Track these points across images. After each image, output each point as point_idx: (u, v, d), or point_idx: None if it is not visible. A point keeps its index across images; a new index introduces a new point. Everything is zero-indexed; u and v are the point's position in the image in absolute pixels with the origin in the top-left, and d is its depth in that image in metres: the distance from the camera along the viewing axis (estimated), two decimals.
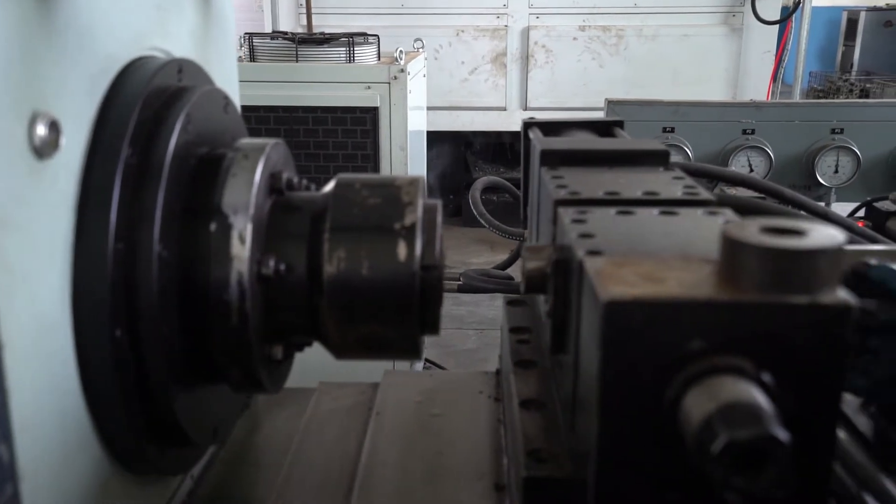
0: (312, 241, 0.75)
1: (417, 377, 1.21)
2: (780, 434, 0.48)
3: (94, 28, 0.69)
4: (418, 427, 1.04)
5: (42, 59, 0.60)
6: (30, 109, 0.58)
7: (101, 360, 0.66)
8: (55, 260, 0.62)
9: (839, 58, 10.82)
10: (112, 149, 0.67)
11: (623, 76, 4.59)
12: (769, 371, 0.55)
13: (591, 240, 0.70)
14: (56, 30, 0.62)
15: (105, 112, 0.68)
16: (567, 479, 0.69)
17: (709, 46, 4.57)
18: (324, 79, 2.93)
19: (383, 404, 1.10)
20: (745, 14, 4.48)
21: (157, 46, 0.82)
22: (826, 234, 0.56)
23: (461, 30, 4.66)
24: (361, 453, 0.98)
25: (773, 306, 0.54)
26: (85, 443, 0.67)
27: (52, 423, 0.62)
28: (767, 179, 2.04)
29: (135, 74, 0.73)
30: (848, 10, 10.92)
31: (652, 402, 0.56)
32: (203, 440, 0.81)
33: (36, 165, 0.59)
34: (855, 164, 2.09)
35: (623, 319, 0.55)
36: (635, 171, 0.99)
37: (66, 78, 0.64)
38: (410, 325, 0.75)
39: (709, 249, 0.69)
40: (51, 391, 0.62)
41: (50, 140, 0.59)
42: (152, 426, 0.72)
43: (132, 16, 0.77)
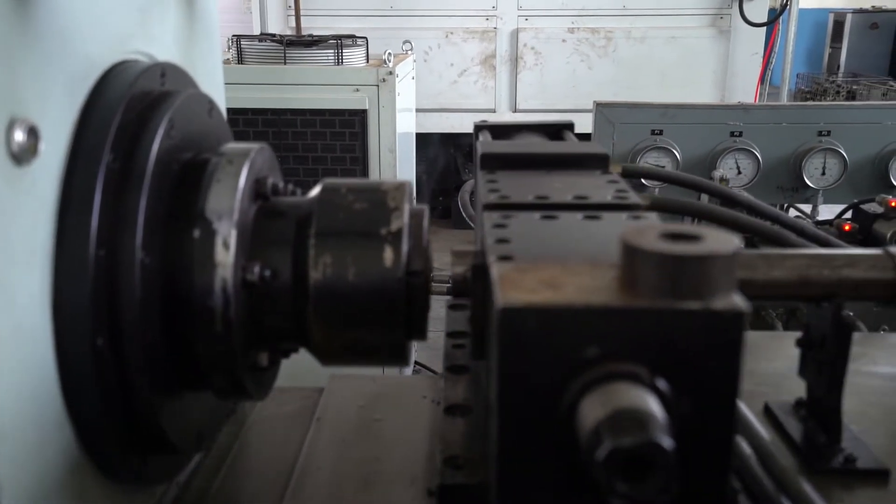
0: (298, 247, 0.74)
1: (363, 382, 1.20)
2: (665, 442, 0.48)
3: (74, 31, 0.67)
4: (358, 432, 1.03)
5: (19, 62, 0.59)
6: (7, 115, 0.57)
7: (82, 369, 0.65)
8: (34, 267, 0.61)
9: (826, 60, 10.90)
10: (93, 154, 0.66)
11: (612, 78, 4.61)
12: (665, 377, 0.55)
13: (507, 245, 0.70)
14: (34, 32, 0.61)
15: (86, 117, 0.67)
16: (480, 485, 0.68)
17: (697, 48, 4.59)
18: (312, 81, 2.92)
19: (325, 409, 1.09)
20: (732, 16, 4.50)
21: (139, 50, 0.81)
22: (721, 240, 0.56)
23: (450, 32, 4.66)
24: (298, 459, 0.98)
25: (668, 312, 0.54)
26: (66, 452, 0.66)
27: (32, 433, 0.61)
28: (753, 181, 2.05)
29: (117, 79, 0.72)
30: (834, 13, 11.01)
31: (549, 407, 0.56)
32: (187, 448, 0.80)
33: (14, 172, 0.58)
34: (842, 167, 2.10)
35: (518, 326, 0.55)
36: (573, 174, 0.99)
37: (45, 82, 0.62)
38: (397, 330, 0.74)
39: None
40: (30, 400, 0.61)
41: (28, 146, 0.58)
42: (135, 434, 0.71)
43: (114, 18, 0.76)
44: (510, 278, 0.59)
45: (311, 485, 0.93)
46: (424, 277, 0.74)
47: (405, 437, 1.02)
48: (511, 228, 0.75)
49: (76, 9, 0.68)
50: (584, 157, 1.04)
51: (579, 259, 0.67)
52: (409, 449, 1.00)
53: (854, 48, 10.68)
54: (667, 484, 0.48)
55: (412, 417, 1.07)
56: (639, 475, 0.49)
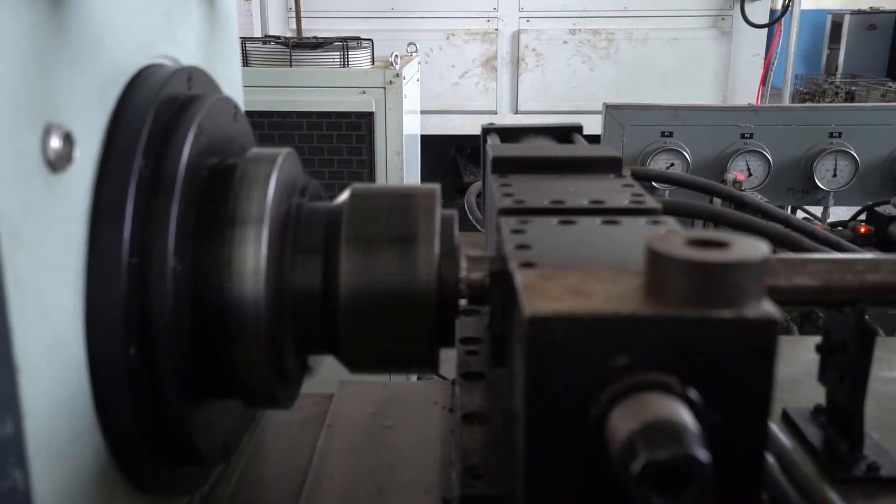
0: (328, 253, 0.73)
1: (373, 388, 1.19)
2: (701, 454, 0.47)
3: (105, 36, 0.66)
4: (369, 439, 1.02)
5: (55, 68, 0.58)
6: (43, 121, 0.56)
7: (114, 378, 0.63)
8: (67, 276, 0.60)
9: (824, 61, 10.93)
10: (125, 161, 0.64)
11: (613, 79, 4.60)
12: (695, 386, 0.54)
13: (527, 251, 0.69)
14: (68, 38, 0.60)
15: (116, 123, 0.66)
16: (502, 496, 0.67)
17: (698, 50, 4.58)
18: (318, 83, 2.90)
19: (335, 416, 1.08)
20: (734, 17, 4.50)
21: (164, 54, 0.80)
22: (750, 247, 0.55)
23: (451, 33, 4.64)
24: (310, 467, 0.96)
25: (699, 321, 0.53)
26: (97, 464, 0.65)
27: (66, 445, 0.60)
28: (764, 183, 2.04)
29: (145, 83, 0.71)
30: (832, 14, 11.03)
31: (577, 418, 0.55)
32: (214, 458, 0.78)
33: (49, 179, 0.57)
34: (853, 168, 2.09)
35: (546, 334, 0.54)
36: (586, 178, 0.98)
37: (77, 88, 0.61)
38: (427, 338, 0.73)
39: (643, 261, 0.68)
40: (65, 411, 0.59)
41: (64, 153, 0.57)
42: (164, 444, 0.70)
43: (141, 23, 0.75)
44: (535, 286, 0.58)
45: (325, 493, 0.92)
46: (455, 284, 0.73)
47: (417, 445, 1.01)
48: (530, 234, 0.74)
49: (106, 14, 0.67)
50: (596, 160, 1.03)
51: (602, 265, 0.66)
52: (422, 456, 0.98)
53: (852, 49, 10.71)
54: (702, 497, 0.47)
55: (423, 424, 1.06)
56: (673, 488, 0.48)
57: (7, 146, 0.50)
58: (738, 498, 0.55)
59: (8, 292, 0.50)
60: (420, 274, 0.70)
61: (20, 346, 0.51)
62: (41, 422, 0.54)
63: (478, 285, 0.77)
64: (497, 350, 0.73)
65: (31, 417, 0.52)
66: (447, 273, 0.72)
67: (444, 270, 0.72)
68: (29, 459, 0.52)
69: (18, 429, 0.51)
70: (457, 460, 0.73)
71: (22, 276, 0.52)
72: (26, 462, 0.52)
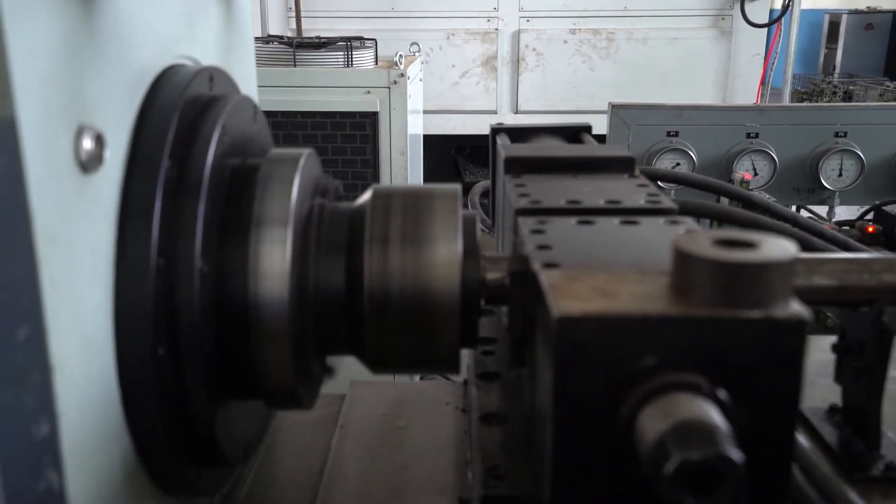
0: (351, 254, 0.73)
1: (384, 388, 1.19)
2: (734, 454, 0.47)
3: (131, 36, 0.66)
4: (383, 440, 1.02)
5: (86, 69, 0.58)
6: (76, 122, 0.56)
7: (142, 379, 0.63)
8: (97, 276, 0.60)
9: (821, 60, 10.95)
10: (152, 162, 0.64)
11: (613, 79, 4.60)
12: (723, 386, 0.54)
13: (549, 251, 0.69)
14: (99, 38, 0.60)
15: (142, 123, 0.66)
16: (525, 496, 0.67)
17: (698, 49, 4.58)
18: (322, 83, 2.89)
19: (348, 417, 1.08)
20: (734, 17, 4.50)
21: (185, 54, 0.79)
22: (778, 247, 0.55)
23: (451, 33, 4.64)
24: (325, 468, 0.96)
25: (728, 321, 0.53)
26: (125, 466, 0.64)
27: (97, 448, 0.60)
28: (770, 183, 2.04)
29: (169, 84, 0.70)
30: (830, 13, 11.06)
31: (606, 418, 0.55)
32: (237, 459, 0.78)
33: (81, 180, 0.57)
34: (859, 168, 2.09)
35: (575, 335, 0.54)
36: (600, 178, 0.98)
37: (107, 89, 0.61)
38: (451, 339, 0.73)
39: (666, 261, 0.68)
40: (96, 414, 0.59)
41: (95, 154, 0.57)
42: (190, 446, 0.70)
43: (164, 23, 0.74)
44: (561, 286, 0.58)
45: (340, 494, 0.91)
46: (477, 284, 0.73)
47: (431, 445, 1.01)
48: (550, 234, 0.74)
49: (132, 14, 0.67)
50: (609, 160, 1.03)
51: (625, 266, 0.66)
52: (437, 457, 0.98)
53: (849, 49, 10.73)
54: (735, 498, 0.47)
55: (436, 424, 1.06)
56: (705, 489, 0.48)
57: (42, 147, 0.50)
58: (766, 499, 0.55)
59: (43, 292, 0.50)
60: (444, 275, 0.70)
61: (55, 346, 0.51)
62: (74, 423, 0.54)
63: (496, 286, 0.77)
64: (517, 350, 0.73)
65: (65, 418, 0.52)
66: (470, 273, 0.72)
67: (467, 271, 0.72)
68: (64, 461, 0.52)
69: (54, 430, 0.50)
70: (477, 461, 0.73)
71: (56, 276, 0.52)
72: (61, 463, 0.51)
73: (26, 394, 0.48)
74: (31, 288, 0.49)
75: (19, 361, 0.47)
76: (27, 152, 0.48)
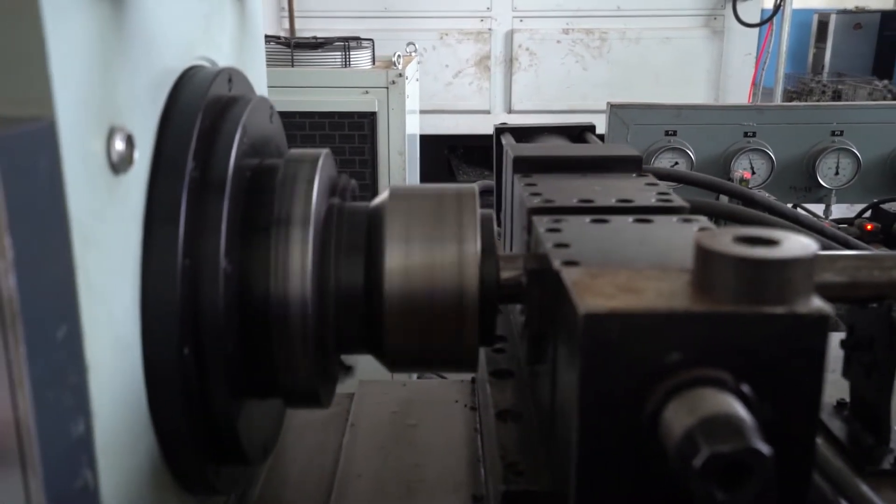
0: (371, 253, 0.73)
1: (394, 387, 1.19)
2: (763, 447, 0.48)
3: (156, 37, 0.67)
4: (394, 438, 1.03)
5: (116, 69, 0.58)
6: (108, 123, 0.56)
7: (168, 378, 0.64)
8: (127, 277, 0.60)
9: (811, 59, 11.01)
10: (177, 163, 0.65)
11: (607, 79, 4.61)
12: (746, 381, 0.55)
13: (567, 249, 0.70)
14: (127, 39, 0.60)
15: (166, 124, 0.66)
16: (545, 492, 0.68)
17: (691, 49, 4.59)
18: (320, 83, 2.87)
19: (358, 415, 1.09)
20: (726, 17, 4.52)
21: (203, 56, 0.80)
22: (800, 243, 0.56)
23: (445, 33, 4.64)
24: (337, 467, 0.97)
25: (752, 317, 0.54)
26: (152, 464, 0.65)
27: (126, 446, 0.60)
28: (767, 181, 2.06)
29: (190, 85, 0.71)
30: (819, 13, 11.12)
31: (631, 414, 0.56)
32: (256, 458, 0.79)
33: (112, 181, 0.57)
34: (855, 166, 2.11)
35: (601, 332, 0.54)
36: (608, 177, 0.99)
37: (135, 90, 0.62)
38: (471, 337, 0.73)
39: (684, 258, 0.68)
40: (125, 413, 0.60)
41: (126, 155, 0.58)
42: (212, 444, 0.71)
43: (185, 24, 0.75)
44: (585, 284, 0.59)
45: (354, 492, 0.92)
46: (495, 282, 0.74)
47: (443, 443, 1.02)
48: (566, 233, 0.75)
49: (157, 15, 0.67)
50: (617, 159, 1.04)
51: (644, 263, 0.67)
52: (449, 455, 0.99)
53: (838, 48, 10.79)
54: (765, 491, 0.48)
55: (447, 423, 1.07)
56: (733, 483, 0.49)
57: (78, 149, 0.51)
58: (788, 493, 0.56)
59: (80, 293, 0.50)
60: (464, 273, 0.71)
61: (90, 346, 0.52)
62: (106, 422, 0.55)
63: (512, 284, 0.78)
64: (535, 347, 0.74)
65: (98, 418, 0.53)
66: (488, 272, 0.73)
67: (485, 270, 0.73)
68: (97, 459, 0.52)
69: (88, 429, 0.51)
70: (496, 457, 0.73)
71: (91, 278, 0.52)
72: (95, 462, 0.52)
73: (66, 393, 0.48)
74: (68, 289, 0.49)
75: (59, 361, 0.47)
76: (66, 155, 0.48)
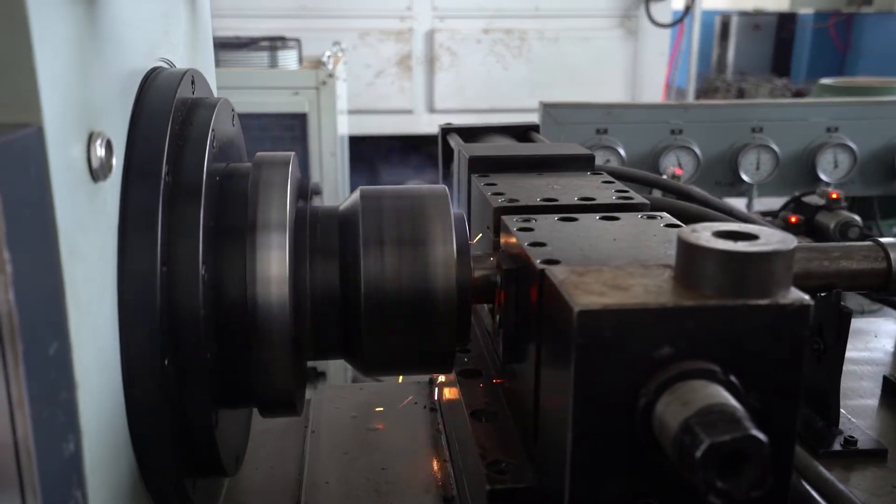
0: (346, 256, 0.72)
1: (351, 391, 1.18)
2: (760, 435, 0.49)
3: (124, 38, 0.64)
4: (358, 443, 1.02)
5: (91, 72, 0.55)
6: (88, 128, 0.53)
7: (149, 391, 0.61)
8: (107, 288, 0.57)
9: (714, 59, 11.42)
10: (152, 168, 0.62)
11: (527, 78, 4.68)
12: (733, 372, 0.57)
13: (544, 248, 0.70)
14: (100, 40, 0.57)
15: (136, 128, 0.64)
16: (531, 489, 0.68)
17: (607, 49, 4.71)
18: (247, 85, 2.81)
19: (318, 422, 1.07)
20: (640, 17, 4.65)
21: (163, 57, 0.77)
22: (779, 237, 0.58)
23: (366, 33, 4.62)
24: (302, 475, 0.95)
25: (738, 309, 0.56)
26: (133, 483, 0.62)
27: (110, 464, 0.57)
28: (694, 177, 2.12)
29: (157, 87, 0.68)
30: (721, 14, 11.54)
31: (624, 408, 0.57)
32: (231, 468, 0.76)
33: (92, 188, 0.54)
34: (774, 161, 2.21)
35: (595, 328, 0.55)
36: (564, 176, 1.00)
37: (108, 93, 0.59)
38: (447, 338, 0.73)
39: (660, 253, 0.70)
40: (108, 429, 0.57)
41: (106, 161, 0.55)
42: (190, 457, 0.68)
43: (148, 24, 0.72)
44: (573, 282, 0.59)
45: (323, 499, 0.91)
46: (469, 283, 0.74)
47: (407, 445, 1.01)
48: (539, 232, 0.75)
49: (125, 15, 0.64)
50: (570, 158, 1.06)
51: (622, 260, 0.68)
52: (414, 456, 0.99)
53: (740, 48, 11.24)
54: (762, 477, 0.50)
55: (409, 424, 1.06)
56: (728, 471, 0.50)
57: (62, 156, 0.48)
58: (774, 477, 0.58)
59: (68, 307, 0.48)
60: (440, 274, 0.71)
61: (78, 362, 0.49)
62: (93, 440, 0.52)
63: (483, 283, 0.78)
64: (512, 347, 0.75)
65: (86, 436, 0.50)
66: (463, 272, 0.73)
67: (460, 270, 0.73)
68: (86, 479, 0.50)
69: (78, 447, 0.49)
70: (476, 457, 0.73)
71: (78, 290, 0.50)
72: (84, 482, 0.50)
73: (58, 411, 0.46)
74: (58, 303, 0.47)
75: (51, 378, 0.45)
76: (52, 163, 0.46)
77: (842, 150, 2.19)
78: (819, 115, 2.19)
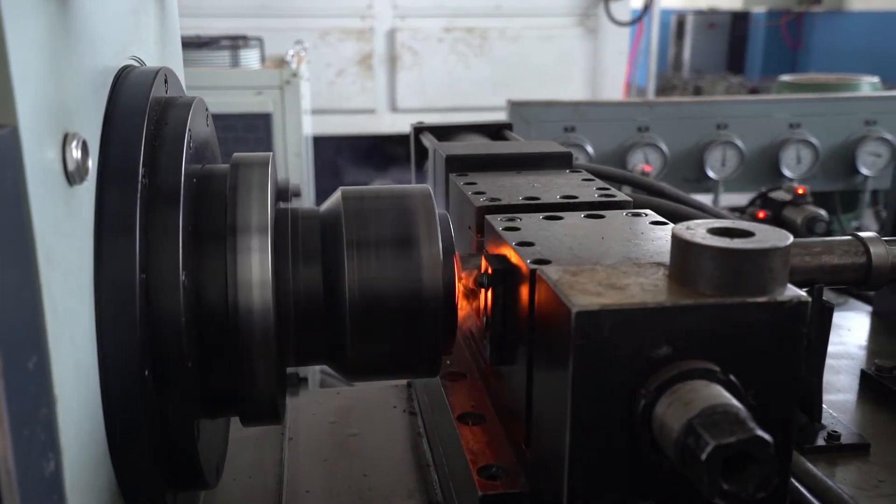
0: (330, 259, 0.70)
1: (327, 396, 1.16)
2: (765, 435, 0.49)
3: (97, 37, 0.61)
4: (337, 449, 0.99)
5: (65, 71, 0.52)
6: (62, 129, 0.51)
7: (128, 403, 0.58)
8: (85, 296, 0.55)
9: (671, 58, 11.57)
10: (128, 170, 0.59)
11: (489, 77, 4.67)
12: (731, 371, 0.56)
13: (533, 248, 0.69)
14: (72, 39, 0.54)
15: (110, 129, 0.61)
16: (525, 493, 0.67)
17: (568, 48, 4.72)
18: (208, 84, 2.73)
19: (295, 429, 1.05)
20: (599, 16, 4.67)
21: (133, 55, 0.74)
22: (775, 233, 0.57)
23: (326, 32, 4.56)
24: (282, 484, 0.93)
25: (736, 306, 0.55)
26: (112, 497, 0.60)
27: (90, 481, 0.55)
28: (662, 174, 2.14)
29: (131, 87, 0.65)
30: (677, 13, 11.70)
31: (623, 410, 0.56)
32: (212, 479, 0.74)
33: (68, 192, 0.51)
34: (740, 158, 2.23)
35: (593, 328, 0.54)
36: (543, 174, 0.99)
37: (81, 93, 0.56)
38: (433, 341, 0.71)
39: (649, 251, 0.69)
40: (87, 445, 0.54)
41: (83, 163, 0.52)
42: (171, 470, 0.66)
43: (119, 22, 0.69)
44: (568, 282, 0.58)
45: None
46: (454, 284, 0.72)
47: (387, 450, 0.99)
48: (525, 231, 0.74)
49: (96, 12, 0.61)
50: (548, 156, 1.05)
51: (613, 258, 0.67)
52: (395, 461, 0.97)
53: (696, 46, 11.40)
54: (767, 477, 0.49)
55: (388, 429, 1.04)
56: (734, 472, 0.49)
57: (38, 158, 0.45)
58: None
59: (46, 317, 0.45)
60: (427, 276, 0.69)
61: (57, 375, 0.46)
62: (73, 457, 0.50)
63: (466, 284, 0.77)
64: (499, 349, 0.73)
65: (66, 453, 0.48)
66: (448, 274, 0.72)
67: (446, 271, 0.71)
68: (66, 498, 0.47)
69: (58, 466, 0.46)
70: (464, 461, 0.72)
71: (55, 300, 0.47)
72: (65, 501, 0.47)
73: (38, 428, 0.43)
74: (36, 314, 0.44)
75: (31, 394, 0.42)
76: (28, 165, 0.43)
77: (804, 145, 2.22)
78: (782, 111, 2.21)
